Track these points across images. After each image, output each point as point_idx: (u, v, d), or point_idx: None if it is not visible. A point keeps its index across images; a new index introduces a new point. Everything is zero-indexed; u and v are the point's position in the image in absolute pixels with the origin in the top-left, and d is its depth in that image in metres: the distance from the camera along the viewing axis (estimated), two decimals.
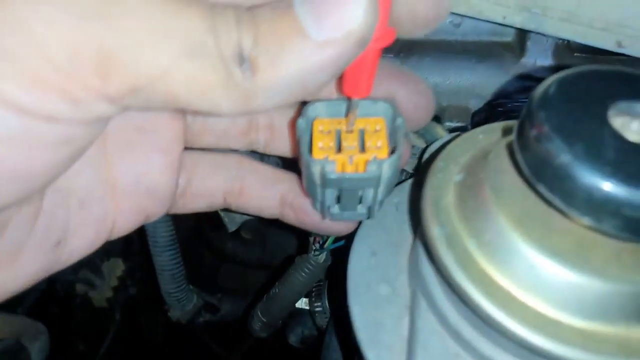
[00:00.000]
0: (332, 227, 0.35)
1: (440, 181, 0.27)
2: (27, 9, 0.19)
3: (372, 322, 0.30)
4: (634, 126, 0.22)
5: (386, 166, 0.27)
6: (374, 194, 0.29)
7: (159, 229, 0.57)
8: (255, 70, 0.21)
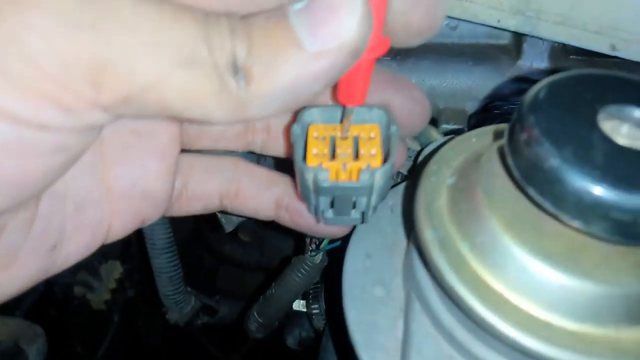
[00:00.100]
0: (327, 230, 0.35)
1: (433, 184, 0.27)
2: (19, 20, 0.19)
3: (367, 324, 0.30)
4: (623, 130, 0.22)
5: (379, 175, 0.27)
6: (367, 201, 0.30)
7: (156, 232, 0.57)
8: (249, 80, 0.21)
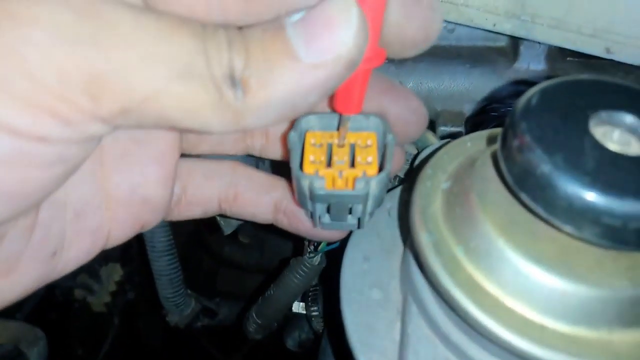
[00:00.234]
0: (324, 234, 0.35)
1: (429, 189, 0.28)
2: (18, 35, 0.19)
3: (365, 327, 0.30)
4: (615, 136, 0.22)
5: (374, 184, 0.27)
6: (363, 207, 0.30)
7: (156, 234, 0.57)
8: (246, 91, 0.21)
